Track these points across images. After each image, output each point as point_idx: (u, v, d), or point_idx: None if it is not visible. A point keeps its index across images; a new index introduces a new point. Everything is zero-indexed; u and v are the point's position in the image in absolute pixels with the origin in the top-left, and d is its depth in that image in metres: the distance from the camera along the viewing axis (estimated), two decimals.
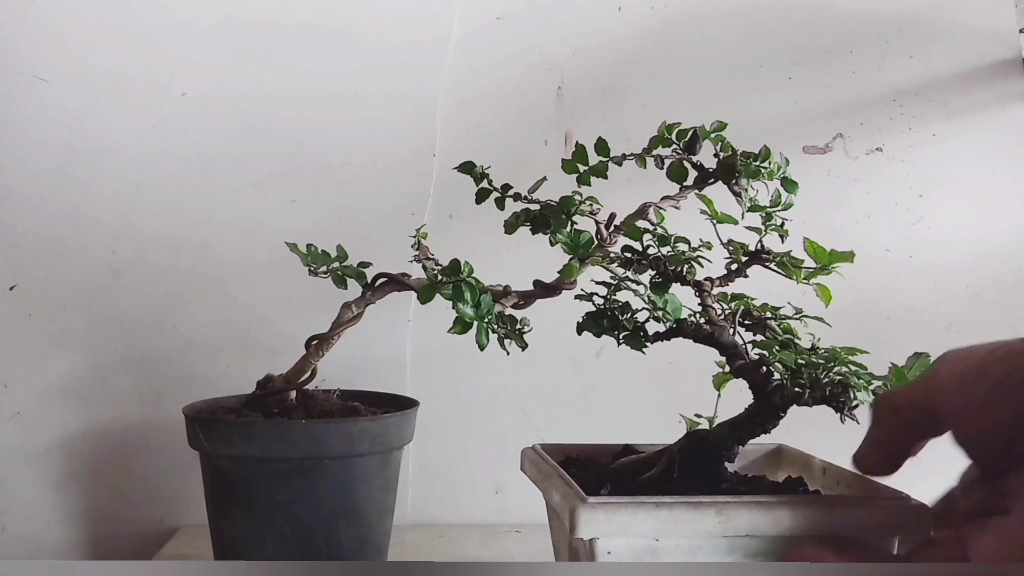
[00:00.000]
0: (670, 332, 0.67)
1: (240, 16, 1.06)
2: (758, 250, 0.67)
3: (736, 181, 0.68)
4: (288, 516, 0.76)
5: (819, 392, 0.61)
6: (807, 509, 0.56)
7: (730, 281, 0.68)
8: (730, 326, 0.65)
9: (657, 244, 0.69)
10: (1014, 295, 1.08)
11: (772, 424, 0.64)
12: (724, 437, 0.65)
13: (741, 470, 0.73)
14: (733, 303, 0.67)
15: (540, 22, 1.08)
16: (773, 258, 0.66)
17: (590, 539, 0.56)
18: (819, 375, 0.61)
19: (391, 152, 1.06)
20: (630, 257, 0.69)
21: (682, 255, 0.67)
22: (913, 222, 1.08)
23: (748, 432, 0.65)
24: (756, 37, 1.08)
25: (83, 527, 1.07)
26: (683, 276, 0.67)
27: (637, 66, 1.08)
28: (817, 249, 0.65)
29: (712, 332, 0.65)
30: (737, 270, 0.68)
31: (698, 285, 0.67)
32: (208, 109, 1.06)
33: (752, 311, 0.67)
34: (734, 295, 0.68)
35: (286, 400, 0.81)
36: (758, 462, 0.74)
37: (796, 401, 0.61)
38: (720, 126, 0.72)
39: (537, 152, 1.07)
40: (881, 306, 1.08)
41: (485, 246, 1.06)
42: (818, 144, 1.08)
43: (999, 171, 1.08)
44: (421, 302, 0.69)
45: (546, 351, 0.83)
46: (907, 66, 1.08)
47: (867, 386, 0.59)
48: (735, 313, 0.66)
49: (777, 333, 0.66)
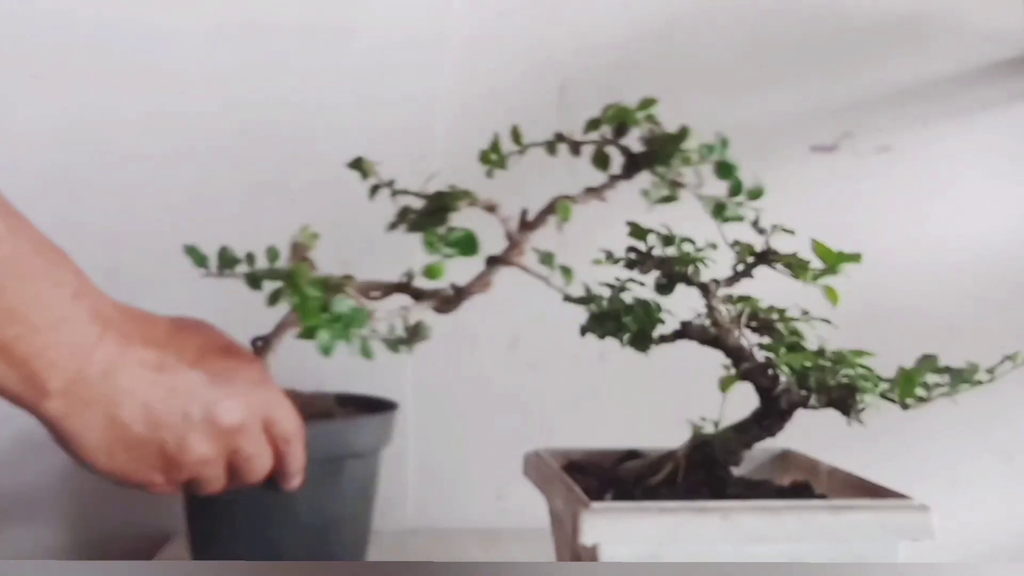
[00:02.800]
0: (675, 335, 0.66)
1: (240, 16, 1.05)
2: (765, 251, 0.66)
3: (659, 166, 0.63)
4: (255, 519, 0.77)
5: (826, 395, 0.60)
6: (813, 514, 0.56)
7: (736, 282, 0.66)
8: (736, 328, 0.65)
9: (662, 244, 0.68)
10: (1018, 296, 1.07)
11: (778, 428, 0.63)
12: (729, 441, 0.64)
13: (747, 474, 0.72)
14: (739, 305, 0.66)
15: (542, 20, 1.07)
16: (780, 259, 0.65)
17: (593, 545, 0.55)
18: (826, 378, 0.60)
19: (391, 152, 1.05)
20: (634, 258, 0.68)
21: (687, 256, 0.66)
22: (918, 221, 1.07)
23: (754, 436, 0.64)
24: (761, 36, 1.07)
25: (83, 527, 1.07)
26: (689, 277, 0.66)
27: (641, 65, 1.07)
28: (824, 250, 0.64)
29: (718, 335, 0.65)
30: (744, 271, 0.66)
31: (704, 287, 0.66)
32: (208, 109, 1.05)
33: (758, 313, 0.66)
34: (740, 297, 0.67)
35: None
36: (765, 466, 0.74)
37: (803, 404, 0.61)
38: (648, 103, 0.65)
39: (538, 151, 1.06)
40: (885, 307, 1.07)
41: (485, 246, 1.05)
42: (825, 143, 1.07)
43: (1004, 170, 1.08)
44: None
45: (549, 354, 0.83)
46: (912, 65, 1.07)
47: (874, 389, 0.59)
48: (741, 315, 0.65)
49: (784, 335, 0.65)
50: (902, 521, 0.57)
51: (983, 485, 1.07)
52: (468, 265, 0.67)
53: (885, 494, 0.60)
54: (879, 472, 1.06)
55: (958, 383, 0.61)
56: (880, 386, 0.60)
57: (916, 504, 0.58)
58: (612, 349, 1.05)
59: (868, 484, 0.63)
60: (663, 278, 0.68)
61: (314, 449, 0.75)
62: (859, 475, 0.65)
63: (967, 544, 1.08)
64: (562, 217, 0.63)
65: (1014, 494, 1.07)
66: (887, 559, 0.57)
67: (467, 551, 0.99)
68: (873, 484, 0.63)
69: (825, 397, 0.60)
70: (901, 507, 0.57)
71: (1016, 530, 1.07)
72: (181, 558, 0.95)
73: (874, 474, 1.06)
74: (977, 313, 1.07)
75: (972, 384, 0.61)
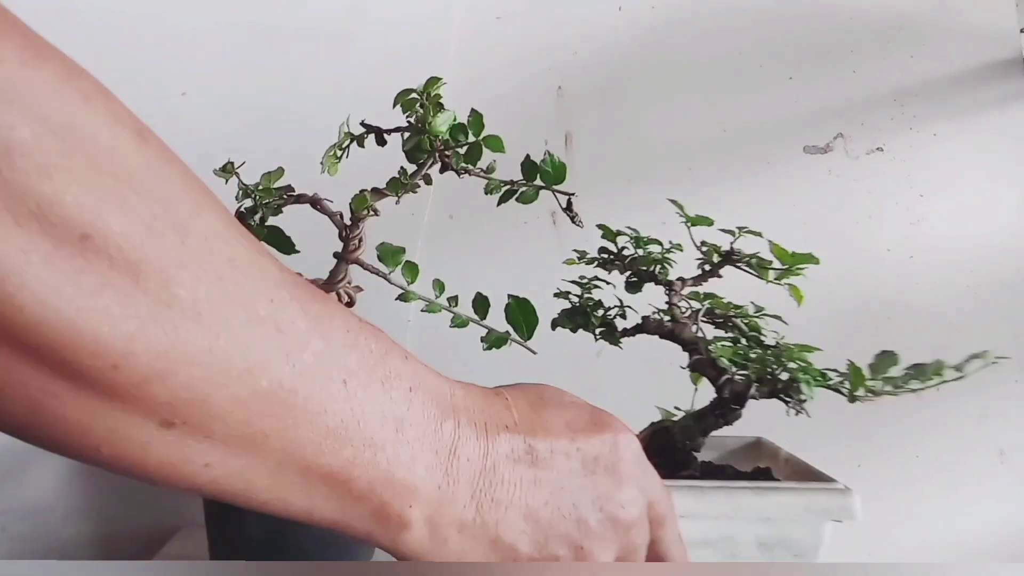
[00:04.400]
0: (636, 328, 0.71)
1: (240, 17, 1.06)
2: (729, 251, 0.70)
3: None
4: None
5: (768, 386, 0.65)
6: (738, 493, 0.61)
7: (704, 281, 0.71)
8: (693, 323, 0.69)
9: (633, 245, 0.73)
10: (1015, 295, 1.07)
11: (733, 416, 0.68)
12: (688, 428, 0.70)
13: (718, 460, 0.77)
14: (705, 302, 0.71)
15: (540, 22, 1.07)
16: (743, 259, 0.70)
17: None
18: (766, 370, 0.65)
19: (392, 153, 1.06)
20: (606, 258, 0.74)
21: (651, 256, 0.72)
22: (914, 222, 1.08)
23: (710, 424, 0.69)
24: (757, 37, 1.08)
25: (83, 527, 1.07)
26: (656, 276, 0.72)
27: (638, 66, 1.07)
28: (781, 251, 0.68)
29: (673, 329, 0.70)
30: (710, 271, 0.71)
31: (668, 284, 0.71)
32: (208, 109, 1.06)
33: (716, 309, 0.71)
34: (706, 294, 0.72)
35: None
36: (736, 452, 0.78)
37: (746, 394, 0.66)
38: (434, 81, 0.69)
39: (537, 152, 1.07)
40: (881, 307, 1.07)
41: (485, 246, 1.06)
42: (819, 144, 1.08)
43: (1000, 171, 1.07)
44: None
45: (546, 351, 0.83)
46: (908, 65, 1.08)
47: (814, 382, 0.63)
48: (699, 311, 0.70)
49: (743, 331, 0.70)
50: (826, 503, 0.60)
51: (977, 484, 1.07)
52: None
53: (816, 477, 0.65)
54: (874, 471, 1.08)
55: (921, 379, 0.64)
56: (829, 379, 0.64)
57: (840, 487, 0.61)
58: (609, 347, 1.06)
59: (814, 471, 0.67)
60: (633, 277, 0.73)
61: None
62: (810, 464, 0.69)
63: (961, 544, 1.08)
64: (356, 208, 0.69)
65: (1008, 494, 1.07)
66: (814, 539, 0.61)
67: None
68: (818, 471, 0.67)
69: (767, 388, 0.65)
70: (825, 489, 0.61)
71: (1010, 530, 1.08)
72: (185, 554, 0.96)
73: (869, 473, 1.07)
74: (972, 313, 1.08)
75: (938, 380, 0.63)
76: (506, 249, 1.06)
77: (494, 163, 0.68)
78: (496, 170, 0.68)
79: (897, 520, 1.08)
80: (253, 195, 0.74)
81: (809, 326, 1.05)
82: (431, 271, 0.71)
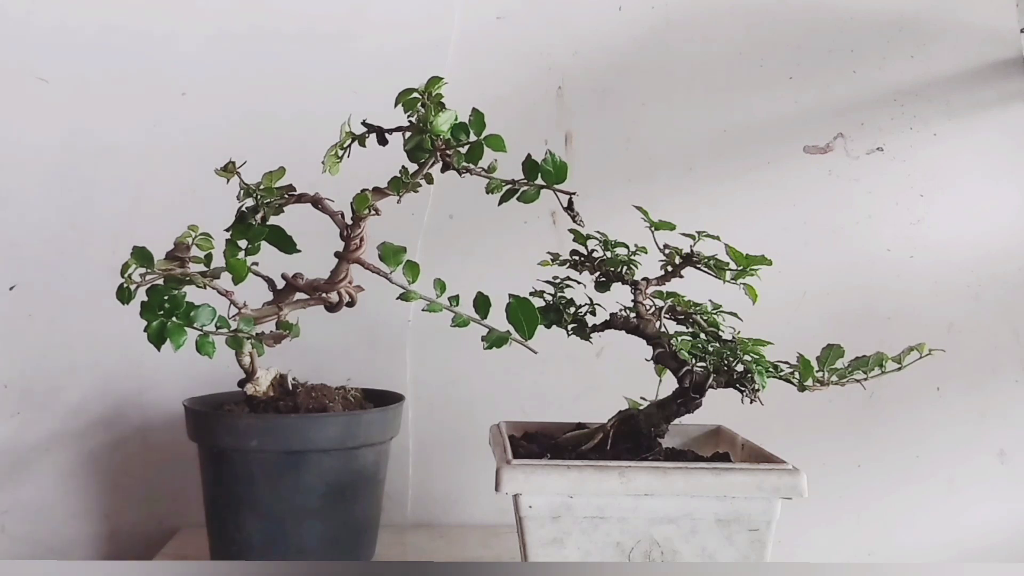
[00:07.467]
0: (604, 324, 0.77)
1: (240, 18, 1.06)
2: (689, 254, 0.76)
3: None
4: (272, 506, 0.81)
5: (724, 377, 0.70)
6: (697, 473, 0.66)
7: (667, 281, 0.77)
8: (656, 320, 0.75)
9: (602, 248, 0.78)
10: (1015, 294, 1.07)
11: (694, 405, 0.73)
12: (652, 416, 0.75)
13: (681, 446, 0.83)
14: (668, 300, 0.77)
15: (541, 22, 1.08)
16: (703, 261, 0.75)
17: (514, 495, 0.66)
18: (723, 362, 0.70)
19: (392, 153, 1.06)
20: (577, 260, 0.79)
21: (618, 258, 0.78)
22: (914, 222, 1.08)
23: (673, 412, 0.74)
24: (757, 37, 1.08)
25: (83, 527, 1.07)
26: (622, 276, 0.78)
27: (638, 66, 1.08)
28: (736, 253, 0.73)
29: (638, 324, 0.75)
30: (672, 271, 0.77)
31: (635, 284, 0.77)
32: (208, 109, 1.05)
33: (678, 306, 0.76)
34: (669, 293, 0.78)
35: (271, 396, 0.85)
36: (698, 439, 0.84)
37: (704, 384, 0.71)
38: (435, 80, 0.71)
39: (537, 152, 1.07)
40: (882, 306, 1.07)
41: (485, 246, 1.06)
42: (819, 144, 1.08)
43: (1000, 170, 1.08)
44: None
45: (546, 351, 0.82)
46: (908, 65, 1.08)
47: (765, 373, 0.68)
48: (662, 308, 0.76)
49: (702, 326, 0.75)
50: (776, 482, 0.66)
51: (977, 484, 1.07)
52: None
53: (768, 459, 0.70)
54: (874, 470, 1.08)
55: (864, 369, 0.69)
56: (780, 371, 0.69)
57: (789, 468, 0.67)
58: (608, 346, 1.06)
59: (767, 454, 0.72)
60: (602, 277, 0.79)
61: (346, 438, 0.81)
62: (764, 448, 0.74)
63: (961, 544, 1.08)
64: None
65: (1008, 494, 1.07)
66: (767, 515, 0.66)
67: (466, 547, 1.00)
68: (771, 455, 0.72)
69: (724, 378, 0.70)
70: (775, 470, 0.67)
71: (1010, 530, 1.08)
72: (185, 554, 0.96)
73: (869, 472, 1.07)
74: (973, 312, 1.08)
75: (879, 371, 0.68)
76: (506, 249, 1.06)
77: (495, 162, 0.69)
78: (497, 169, 0.69)
79: (897, 520, 1.08)
80: (254, 194, 0.75)
81: (809, 326, 1.06)
82: (431, 271, 0.71)
